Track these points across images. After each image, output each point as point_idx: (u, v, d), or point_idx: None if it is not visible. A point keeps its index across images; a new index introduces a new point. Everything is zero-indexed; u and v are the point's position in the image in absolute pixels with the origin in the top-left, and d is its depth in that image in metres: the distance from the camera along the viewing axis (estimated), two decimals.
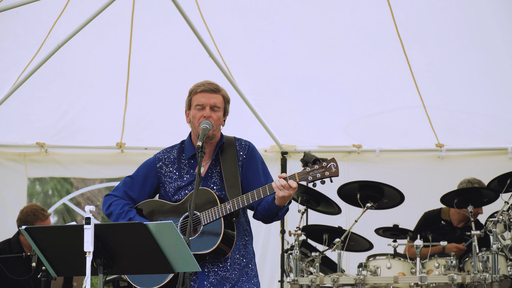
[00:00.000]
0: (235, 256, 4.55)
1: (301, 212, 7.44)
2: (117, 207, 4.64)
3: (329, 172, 4.30)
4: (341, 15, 7.81)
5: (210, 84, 4.61)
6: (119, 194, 4.70)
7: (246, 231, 4.64)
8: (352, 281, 6.83)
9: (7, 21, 7.49)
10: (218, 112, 4.58)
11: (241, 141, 4.69)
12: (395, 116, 8.67)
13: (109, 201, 4.69)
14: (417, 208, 7.99)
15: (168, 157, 4.70)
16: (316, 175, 4.31)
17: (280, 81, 8.52)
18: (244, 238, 4.61)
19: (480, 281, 6.57)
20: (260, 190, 4.37)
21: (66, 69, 8.27)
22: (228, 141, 4.66)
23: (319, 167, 4.31)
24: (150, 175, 4.71)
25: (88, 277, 3.67)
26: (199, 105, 4.56)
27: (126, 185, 4.72)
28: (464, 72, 8.08)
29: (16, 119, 8.69)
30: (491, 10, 7.53)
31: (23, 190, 8.86)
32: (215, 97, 4.58)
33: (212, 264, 4.51)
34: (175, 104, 8.97)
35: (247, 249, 4.62)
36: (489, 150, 8.70)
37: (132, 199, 4.70)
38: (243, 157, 4.62)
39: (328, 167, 4.30)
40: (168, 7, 7.12)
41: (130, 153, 9.00)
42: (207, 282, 4.50)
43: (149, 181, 4.70)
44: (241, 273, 4.57)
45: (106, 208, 4.68)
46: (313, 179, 4.31)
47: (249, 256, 4.63)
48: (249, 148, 4.66)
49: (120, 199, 4.68)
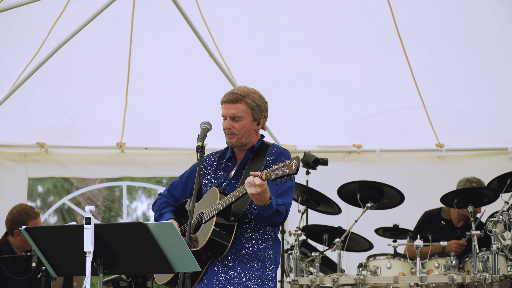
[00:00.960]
0: (249, 257, 4.57)
1: (301, 212, 7.44)
2: (157, 204, 4.89)
3: (289, 170, 4.30)
4: (341, 15, 7.81)
5: (232, 94, 4.66)
6: (165, 193, 4.94)
7: (269, 235, 4.65)
8: (352, 281, 6.83)
9: (7, 21, 7.49)
10: (240, 121, 4.62)
11: (274, 147, 4.73)
12: (395, 116, 8.68)
13: (156, 200, 4.94)
14: (417, 208, 7.99)
15: (209, 160, 4.83)
16: (278, 173, 4.33)
17: (280, 81, 8.52)
18: (267, 243, 4.64)
19: (480, 281, 6.57)
20: (238, 189, 4.45)
21: (66, 69, 8.27)
22: (263, 147, 4.72)
23: (283, 165, 4.33)
24: (192, 176, 4.82)
25: (88, 277, 3.67)
26: (223, 116, 4.68)
27: (172, 185, 4.93)
28: (465, 72, 8.08)
29: (16, 119, 8.69)
30: (491, 10, 7.53)
31: (23, 190, 8.86)
32: (233, 107, 4.62)
33: (222, 263, 4.55)
34: (175, 104, 9.01)
35: (266, 253, 4.62)
36: (489, 150, 8.71)
37: (175, 198, 4.89)
38: (268, 162, 4.64)
39: (289, 165, 4.31)
40: (168, 7, 7.12)
41: (130, 153, 9.00)
42: (216, 280, 4.54)
43: (191, 182, 4.82)
44: (254, 276, 4.57)
45: (152, 206, 4.95)
46: (276, 176, 4.32)
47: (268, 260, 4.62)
48: (277, 152, 4.69)
49: (163, 198, 4.91)
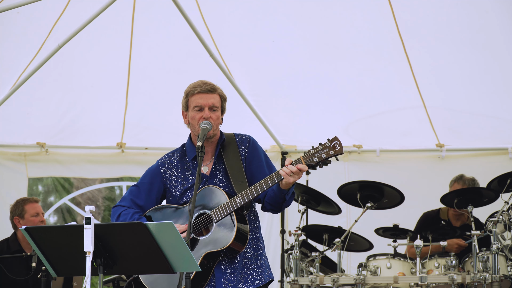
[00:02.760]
0: (246, 250, 4.56)
1: (301, 212, 7.44)
2: (126, 217, 4.63)
3: (334, 151, 4.28)
4: (341, 15, 7.80)
5: (207, 85, 4.62)
6: (127, 203, 4.70)
7: (255, 224, 4.64)
8: (352, 281, 6.83)
9: (7, 21, 7.49)
10: (216, 112, 4.59)
11: (241, 136, 4.70)
12: (395, 116, 8.67)
13: (118, 212, 4.68)
14: (417, 208, 8.00)
15: (171, 161, 4.71)
16: (322, 155, 4.30)
17: (280, 81, 8.52)
18: (255, 231, 4.62)
19: (480, 281, 6.57)
20: (267, 179, 4.37)
21: (66, 69, 8.27)
22: (228, 138, 4.68)
23: (323, 147, 4.31)
24: (155, 181, 4.71)
25: (88, 277, 3.67)
26: (197, 106, 4.58)
27: (133, 194, 4.71)
28: (465, 72, 8.07)
29: (17, 119, 8.69)
30: (492, 9, 7.52)
31: (23, 190, 8.87)
32: (212, 97, 4.59)
33: (228, 261, 4.52)
34: (175, 104, 8.98)
35: (257, 241, 4.63)
36: (489, 150, 8.71)
37: (139, 207, 4.69)
38: (245, 151, 4.63)
39: (332, 146, 4.29)
40: (169, 7, 7.12)
41: (130, 153, 9.01)
42: (224, 279, 4.51)
43: (155, 187, 4.70)
44: (256, 266, 4.58)
45: (115, 219, 4.66)
46: (319, 159, 4.30)
47: (261, 248, 4.64)
48: (250, 141, 4.68)
49: (128, 209, 4.68)
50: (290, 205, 4.57)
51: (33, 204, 7.14)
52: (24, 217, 7.04)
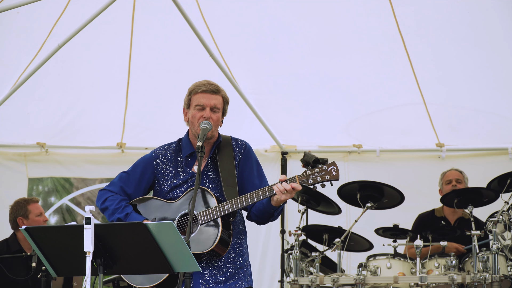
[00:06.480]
0: (230, 255, 4.55)
1: (301, 212, 7.44)
2: (113, 202, 4.61)
3: (330, 176, 4.30)
4: (341, 12, 7.79)
5: (211, 85, 4.61)
6: (115, 189, 4.68)
7: (241, 230, 4.64)
8: (352, 281, 6.83)
9: (7, 21, 7.49)
10: (217, 113, 4.59)
11: (237, 141, 4.69)
12: (395, 114, 8.66)
13: (105, 196, 4.66)
14: (417, 208, 7.99)
15: (165, 154, 4.71)
16: (317, 178, 4.32)
17: (280, 81, 8.51)
18: (239, 237, 4.61)
19: (480, 281, 6.57)
20: (259, 192, 4.37)
21: (66, 69, 8.27)
22: (225, 140, 4.67)
23: (319, 170, 4.31)
24: (146, 171, 4.70)
25: (88, 277, 3.68)
26: (199, 106, 4.57)
27: (122, 181, 4.69)
28: (466, 68, 8.05)
29: (17, 119, 8.69)
30: (493, 6, 7.50)
31: (23, 190, 8.86)
32: (215, 98, 4.58)
33: (207, 263, 4.50)
34: (175, 104, 8.97)
35: (242, 247, 4.62)
36: (489, 150, 8.71)
37: (127, 195, 4.67)
38: (239, 157, 4.62)
39: (328, 171, 4.30)
40: (169, 7, 7.12)
41: (130, 153, 9.00)
42: (202, 280, 4.49)
43: (146, 178, 4.69)
44: (237, 272, 4.57)
45: (101, 203, 4.64)
46: (314, 182, 4.33)
47: (244, 255, 4.63)
48: (246, 148, 4.66)
49: (116, 194, 4.65)
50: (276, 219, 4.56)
51: (35, 204, 7.16)
52: (28, 217, 7.05)
